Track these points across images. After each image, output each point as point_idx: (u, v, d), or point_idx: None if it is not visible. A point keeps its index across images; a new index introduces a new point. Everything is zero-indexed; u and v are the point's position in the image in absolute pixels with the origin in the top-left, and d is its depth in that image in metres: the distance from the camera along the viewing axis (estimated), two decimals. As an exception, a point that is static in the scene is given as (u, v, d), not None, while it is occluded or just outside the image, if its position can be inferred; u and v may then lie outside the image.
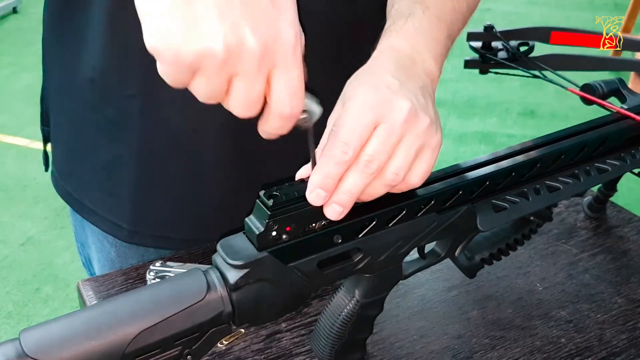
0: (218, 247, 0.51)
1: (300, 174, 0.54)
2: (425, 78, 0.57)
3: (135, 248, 0.85)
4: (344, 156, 0.49)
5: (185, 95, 0.72)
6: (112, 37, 0.72)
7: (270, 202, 0.50)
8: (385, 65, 0.56)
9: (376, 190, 0.52)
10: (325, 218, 0.52)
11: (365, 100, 0.51)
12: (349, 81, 0.56)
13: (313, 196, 0.50)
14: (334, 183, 0.50)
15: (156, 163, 0.78)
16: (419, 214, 0.58)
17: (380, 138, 0.50)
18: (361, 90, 0.52)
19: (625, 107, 0.72)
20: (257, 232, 0.50)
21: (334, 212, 0.51)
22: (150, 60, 0.72)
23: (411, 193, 0.57)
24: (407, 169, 0.52)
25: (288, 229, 0.51)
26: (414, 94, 0.53)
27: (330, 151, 0.50)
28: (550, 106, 3.33)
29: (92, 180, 0.83)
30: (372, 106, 0.50)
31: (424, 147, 0.52)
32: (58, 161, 0.88)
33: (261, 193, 0.50)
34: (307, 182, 0.51)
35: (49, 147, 0.91)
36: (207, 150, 0.77)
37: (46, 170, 0.93)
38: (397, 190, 0.54)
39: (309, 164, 0.53)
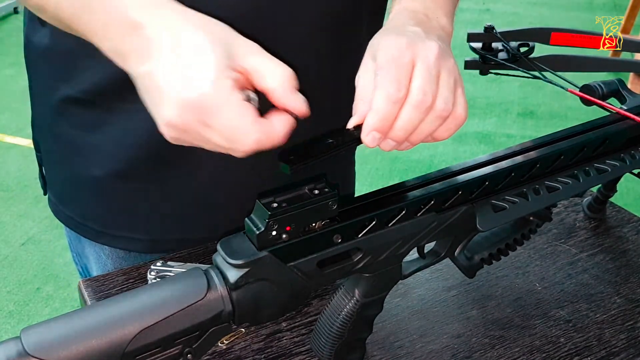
0: (218, 246, 0.51)
1: (351, 124, 0.54)
2: (441, 31, 0.60)
3: (133, 258, 0.84)
4: (398, 94, 0.51)
5: None
6: None
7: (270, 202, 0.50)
8: (405, 21, 0.59)
9: (429, 126, 0.54)
10: (324, 218, 0.52)
11: (399, 43, 0.54)
12: (373, 38, 0.58)
13: (369, 139, 0.52)
14: (390, 124, 0.52)
15: (167, 170, 0.76)
16: (419, 213, 0.58)
17: (424, 73, 0.52)
18: (391, 37, 0.55)
19: (625, 107, 0.72)
20: (257, 232, 0.50)
21: (389, 146, 0.54)
22: None
23: (410, 193, 0.57)
24: (453, 100, 0.54)
25: (288, 228, 0.51)
26: (436, 39, 0.56)
27: (384, 91, 0.51)
28: (550, 107, 3.33)
29: (97, 203, 0.80)
30: (407, 47, 0.53)
31: (457, 82, 0.55)
32: (54, 187, 0.85)
33: (260, 193, 0.51)
34: (305, 184, 0.51)
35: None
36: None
37: (45, 194, 0.90)
38: (446, 127, 0.55)
39: (356, 116, 0.54)
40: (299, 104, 0.52)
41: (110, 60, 0.56)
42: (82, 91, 0.72)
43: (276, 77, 0.51)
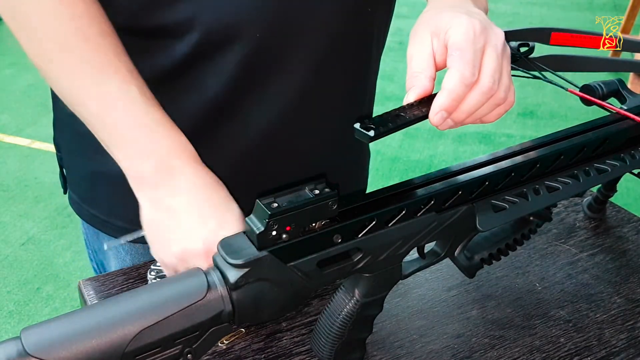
0: (218, 246, 0.52)
1: (411, 97, 0.55)
2: (485, 13, 0.62)
3: (150, 254, 0.85)
4: (472, 78, 0.52)
5: (210, 98, 0.72)
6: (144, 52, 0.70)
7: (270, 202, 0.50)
8: (461, 1, 0.61)
9: (484, 110, 0.55)
10: (324, 218, 0.52)
11: (475, 26, 0.54)
12: (428, 14, 0.59)
13: (437, 117, 0.53)
14: (458, 105, 0.53)
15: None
16: (419, 213, 0.58)
17: (493, 61, 0.54)
18: (464, 18, 0.55)
19: (625, 107, 0.72)
20: (257, 232, 0.50)
21: (447, 125, 0.55)
22: (185, 64, 0.72)
23: (410, 193, 0.57)
24: (509, 88, 0.55)
25: (288, 228, 0.51)
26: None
27: (460, 73, 0.52)
28: (550, 107, 3.33)
29: (121, 199, 0.79)
30: (481, 32, 0.54)
31: (510, 69, 0.56)
32: (77, 186, 0.85)
33: (260, 193, 0.51)
34: (305, 184, 0.51)
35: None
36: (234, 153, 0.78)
37: (65, 192, 0.90)
38: (497, 112, 0.56)
39: (415, 89, 0.54)
40: None
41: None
42: None
43: None
